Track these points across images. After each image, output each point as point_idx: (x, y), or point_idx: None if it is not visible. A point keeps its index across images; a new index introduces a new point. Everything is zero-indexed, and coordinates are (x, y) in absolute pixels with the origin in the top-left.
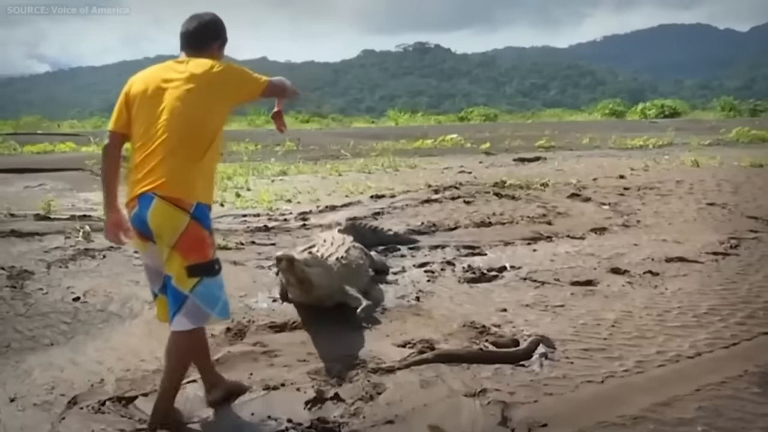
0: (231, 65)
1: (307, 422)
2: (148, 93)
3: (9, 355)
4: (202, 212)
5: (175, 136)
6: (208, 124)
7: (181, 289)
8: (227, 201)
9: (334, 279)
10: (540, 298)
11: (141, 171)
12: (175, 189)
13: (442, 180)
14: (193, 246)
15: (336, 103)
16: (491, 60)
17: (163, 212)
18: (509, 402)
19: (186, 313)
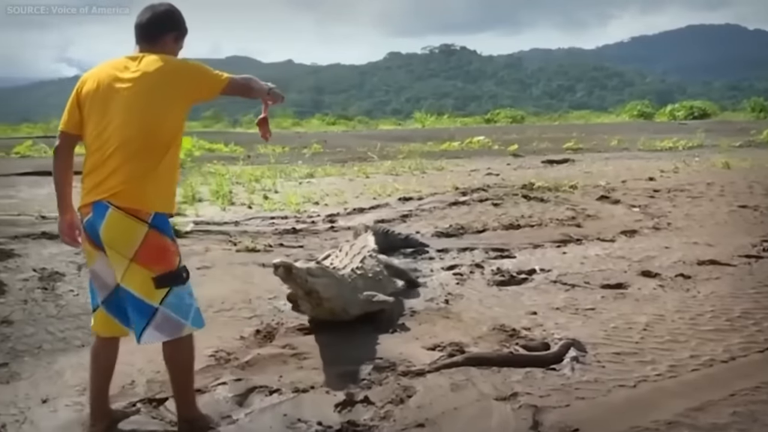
0: (186, 61)
1: (337, 425)
2: (100, 93)
3: (41, 356)
4: (161, 221)
5: (132, 142)
6: (165, 127)
7: (149, 301)
8: (255, 203)
9: (347, 290)
10: (570, 301)
11: (95, 178)
12: (132, 199)
13: (469, 182)
14: (155, 256)
15: (362, 106)
16: (517, 62)
17: (119, 223)
18: (540, 406)
19: (157, 326)
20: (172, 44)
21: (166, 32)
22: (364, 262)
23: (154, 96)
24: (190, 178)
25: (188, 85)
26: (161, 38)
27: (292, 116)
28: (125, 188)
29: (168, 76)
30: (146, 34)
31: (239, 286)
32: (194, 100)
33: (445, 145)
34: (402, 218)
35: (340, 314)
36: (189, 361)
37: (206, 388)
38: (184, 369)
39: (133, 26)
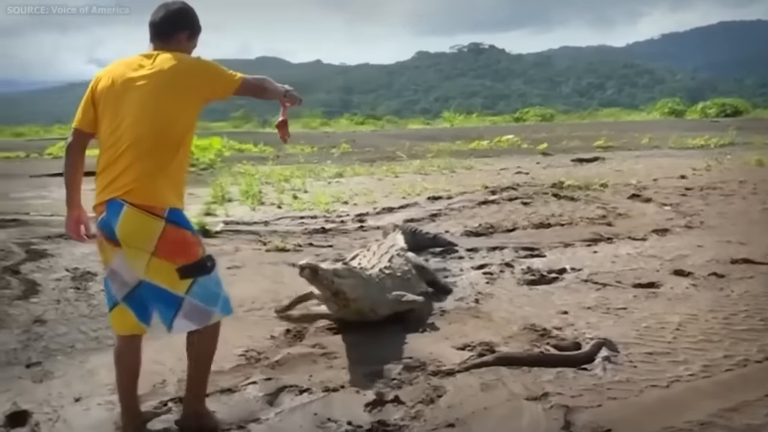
0: (200, 60)
1: (368, 425)
2: (114, 90)
3: (74, 356)
4: (176, 215)
5: (144, 140)
6: (178, 125)
7: (176, 292)
8: (285, 203)
9: (374, 290)
10: (602, 301)
11: (109, 176)
12: (146, 196)
13: (499, 181)
14: (176, 249)
15: (391, 105)
16: (546, 60)
17: (135, 220)
18: (572, 406)
19: (185, 315)
20: (186, 42)
21: (180, 30)
22: (392, 261)
23: (167, 94)
24: (220, 179)
25: (202, 84)
26: (175, 36)
27: (320, 116)
28: (138, 185)
29: (181, 75)
30: (160, 32)
31: (269, 285)
32: (207, 99)
33: (474, 144)
34: (431, 217)
35: (368, 314)
36: (212, 351)
37: (236, 387)
38: (206, 359)
39: (148, 25)
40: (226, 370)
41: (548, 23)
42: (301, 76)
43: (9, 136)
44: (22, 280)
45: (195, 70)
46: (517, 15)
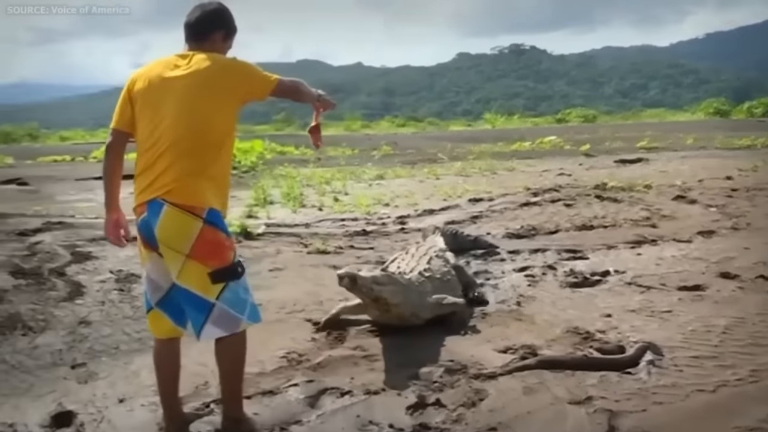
0: (237, 60)
1: (409, 428)
2: (152, 91)
3: (118, 357)
4: (215, 216)
5: (183, 141)
6: (215, 126)
7: (206, 297)
8: (326, 205)
9: (414, 295)
10: (646, 304)
11: (149, 177)
12: (186, 195)
13: (541, 183)
14: (211, 251)
15: (432, 107)
16: (589, 60)
17: (174, 220)
18: (616, 410)
19: (215, 322)
20: (221, 43)
21: (215, 30)
22: (431, 264)
23: (203, 94)
24: (262, 181)
25: (238, 84)
26: (210, 36)
27: (361, 118)
28: (178, 185)
29: (217, 75)
30: (195, 33)
31: (310, 287)
32: (244, 99)
33: (515, 146)
34: (472, 219)
35: (409, 319)
36: (242, 357)
37: (278, 389)
38: (238, 365)
39: (183, 25)
40: (267, 372)
41: (591, 23)
42: (342, 79)
43: (56, 140)
44: (68, 282)
45: (231, 70)
46: (559, 15)
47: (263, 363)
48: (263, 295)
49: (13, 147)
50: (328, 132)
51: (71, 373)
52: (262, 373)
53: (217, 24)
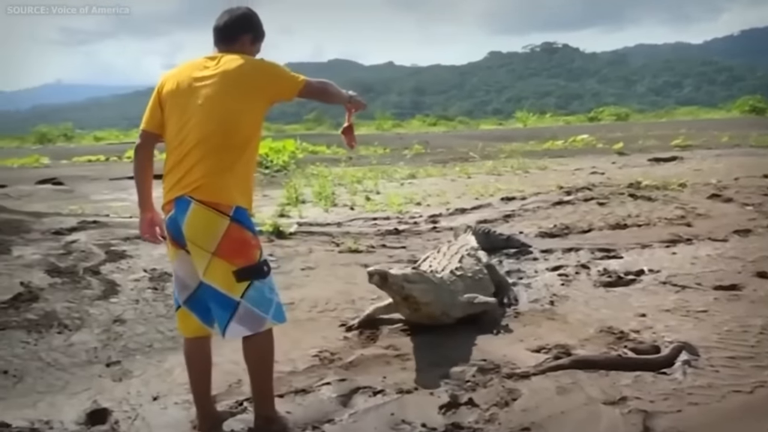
0: (265, 61)
1: (442, 427)
2: (181, 92)
3: (152, 355)
4: (242, 214)
5: (211, 138)
6: (242, 125)
7: (231, 295)
8: (357, 204)
9: (446, 294)
10: (681, 303)
11: (177, 175)
12: (213, 193)
13: (573, 181)
14: (237, 249)
15: (463, 106)
16: (622, 58)
17: (201, 216)
18: (651, 411)
19: (240, 320)
20: (249, 46)
21: (243, 34)
22: (463, 262)
23: (232, 93)
24: (294, 180)
25: (266, 84)
26: (238, 40)
27: (392, 118)
28: (206, 182)
29: (247, 75)
30: (224, 36)
31: (342, 286)
32: (273, 99)
33: (547, 144)
34: (505, 218)
35: (440, 318)
36: (269, 356)
37: (311, 388)
38: (265, 364)
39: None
40: (300, 371)
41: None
42: (373, 78)
43: (90, 141)
44: (102, 281)
45: (260, 70)
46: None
47: (295, 362)
48: (295, 293)
49: (48, 147)
50: (360, 131)
51: (106, 371)
52: (295, 372)
53: (245, 28)
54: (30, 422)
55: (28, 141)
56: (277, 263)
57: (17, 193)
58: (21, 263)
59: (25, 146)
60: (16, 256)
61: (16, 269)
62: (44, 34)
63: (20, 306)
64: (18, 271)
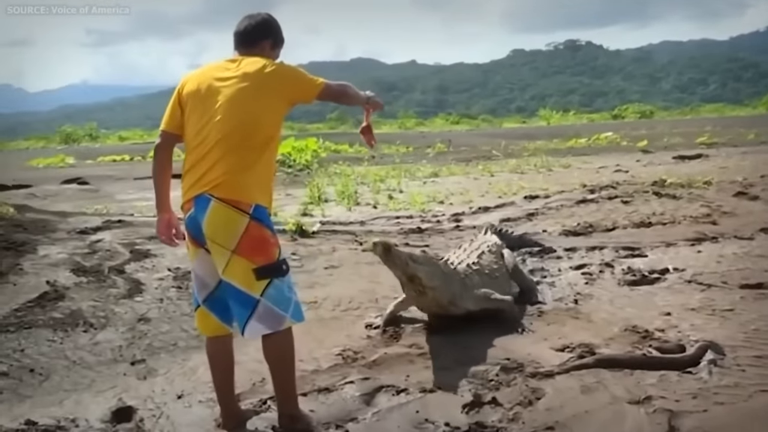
0: (285, 65)
1: (465, 426)
2: (201, 93)
3: (176, 353)
4: (261, 213)
5: (231, 136)
6: (263, 125)
7: (251, 293)
8: (380, 203)
9: (455, 283)
10: (707, 302)
11: (196, 173)
12: (233, 191)
13: (597, 179)
14: (256, 247)
15: (486, 104)
16: (646, 55)
17: (221, 214)
18: (676, 410)
19: (259, 318)
20: (269, 51)
21: (263, 39)
22: (482, 258)
23: (253, 94)
24: (317, 179)
25: (286, 86)
26: (259, 44)
27: (415, 116)
28: (226, 179)
29: (267, 77)
30: (244, 41)
31: (366, 285)
32: (292, 101)
33: (571, 142)
34: (528, 217)
35: (447, 307)
36: (290, 355)
37: (334, 386)
38: (286, 363)
39: (233, 35)
40: (323, 369)
41: (647, 17)
42: (396, 77)
43: (115, 140)
44: (127, 280)
45: (280, 72)
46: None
47: (319, 360)
48: (319, 292)
49: (73, 147)
50: (383, 130)
51: (131, 370)
52: (318, 371)
53: (265, 33)
54: (56, 420)
55: (54, 141)
56: (300, 262)
57: (43, 193)
58: (47, 262)
59: (50, 146)
60: (42, 256)
61: (42, 268)
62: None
63: (46, 305)
64: (44, 270)
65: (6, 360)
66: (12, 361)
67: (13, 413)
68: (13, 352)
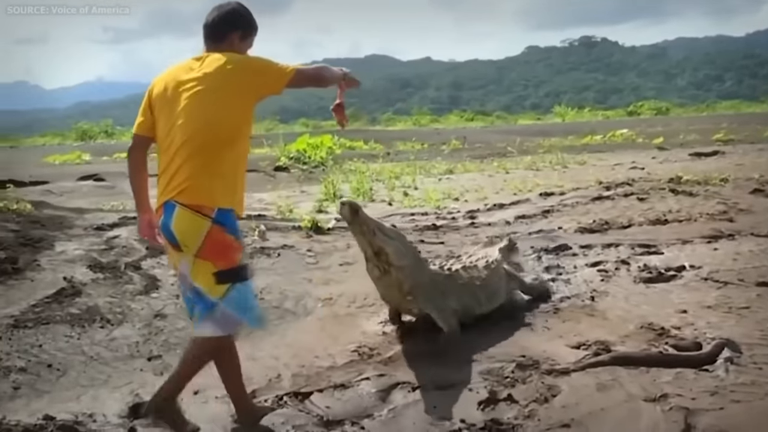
0: (249, 57)
1: (481, 423)
2: (167, 95)
3: None
4: (224, 217)
5: (194, 138)
6: (227, 126)
7: (212, 297)
8: (395, 200)
9: (423, 273)
10: (723, 300)
11: (165, 178)
12: (196, 195)
13: (613, 176)
14: (218, 251)
15: (500, 101)
16: (662, 52)
17: (185, 219)
18: (692, 408)
19: (213, 320)
20: (239, 43)
21: (232, 31)
22: (467, 270)
23: (214, 94)
24: (331, 176)
25: (250, 81)
26: (227, 37)
27: (429, 113)
28: (189, 185)
29: (228, 74)
30: (212, 34)
31: None
32: (258, 95)
33: (586, 139)
34: (543, 214)
35: (405, 297)
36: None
37: (349, 383)
38: (198, 367)
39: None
40: (338, 366)
41: (662, 14)
42: (411, 73)
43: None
44: (144, 276)
45: (243, 67)
46: (631, 7)
47: (334, 357)
48: (334, 289)
49: (89, 144)
50: (398, 127)
51: (147, 365)
52: (333, 367)
53: (233, 25)
54: (74, 415)
55: (70, 138)
56: (315, 259)
57: (59, 190)
58: (64, 258)
59: (66, 143)
60: (59, 252)
61: (59, 264)
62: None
63: (63, 301)
64: (61, 266)
65: (24, 355)
66: (30, 356)
67: (31, 408)
68: (31, 348)
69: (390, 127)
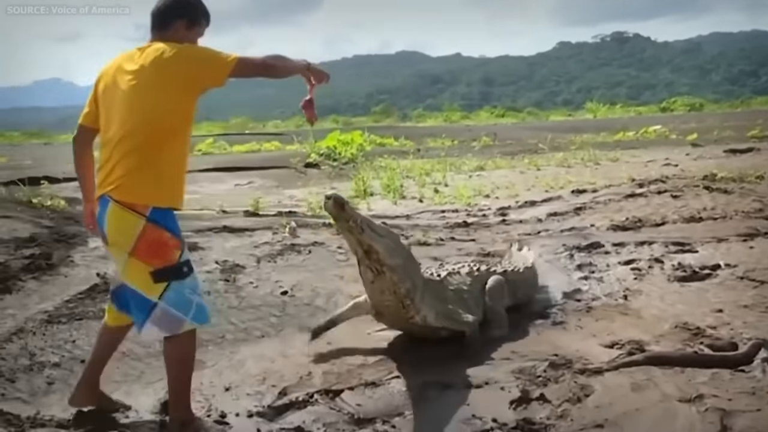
0: (187, 48)
1: (513, 422)
2: (109, 87)
3: (224, 346)
4: (160, 215)
5: (131, 135)
6: (165, 118)
7: (149, 296)
8: (426, 197)
9: (417, 276)
10: (760, 299)
11: (103, 172)
12: (130, 193)
13: (646, 173)
14: (153, 250)
15: (532, 97)
16: (696, 47)
17: (118, 216)
18: (729, 409)
19: (156, 321)
20: (185, 32)
21: (176, 19)
22: (450, 276)
23: (150, 89)
24: (362, 173)
25: (189, 72)
26: (172, 25)
27: (460, 109)
28: (124, 182)
29: (164, 67)
30: (156, 22)
31: None
32: (200, 87)
33: (619, 136)
34: (575, 211)
35: (404, 302)
36: (189, 358)
37: (380, 381)
38: (183, 367)
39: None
40: (369, 364)
41: (697, 9)
42: (441, 69)
43: None
44: None
45: (182, 58)
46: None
47: (365, 354)
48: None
49: None
50: (428, 123)
51: None
52: (365, 365)
53: (178, 12)
54: (107, 410)
55: None
56: (345, 256)
57: None
58: (97, 254)
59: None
60: (92, 248)
61: (93, 260)
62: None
63: (96, 296)
64: (94, 262)
65: (58, 351)
66: (64, 351)
67: (64, 403)
68: (65, 343)
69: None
